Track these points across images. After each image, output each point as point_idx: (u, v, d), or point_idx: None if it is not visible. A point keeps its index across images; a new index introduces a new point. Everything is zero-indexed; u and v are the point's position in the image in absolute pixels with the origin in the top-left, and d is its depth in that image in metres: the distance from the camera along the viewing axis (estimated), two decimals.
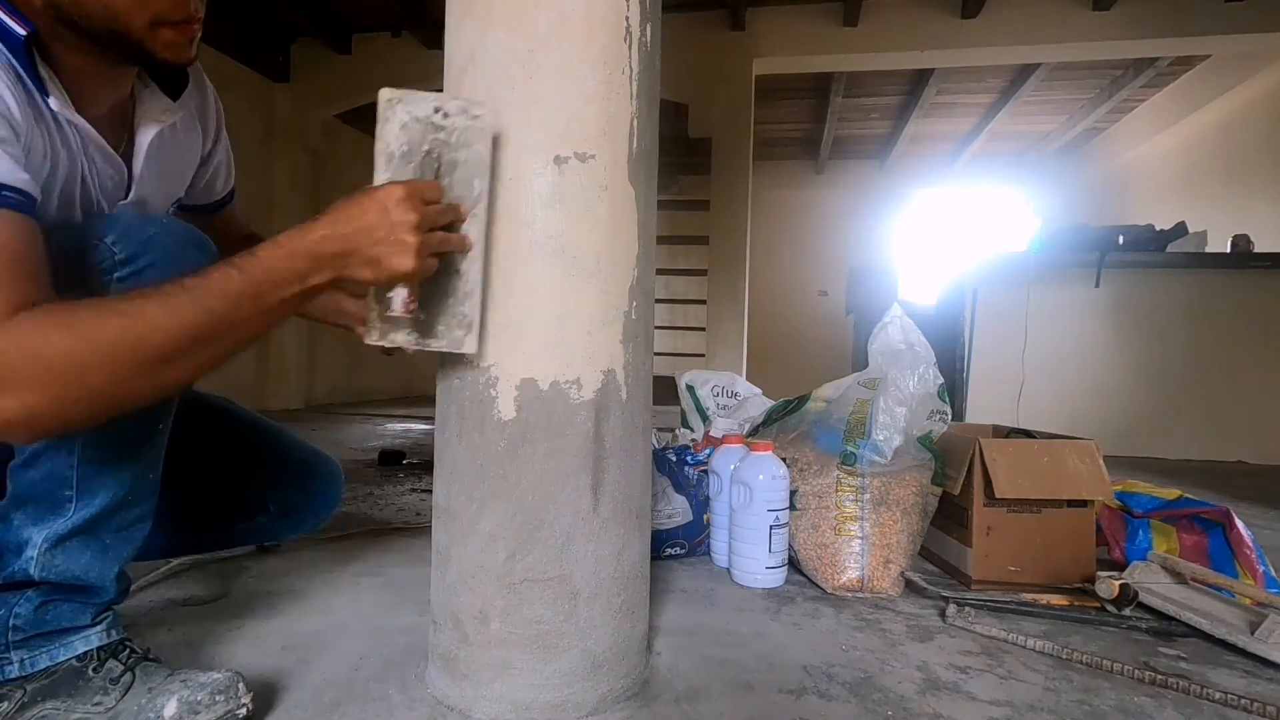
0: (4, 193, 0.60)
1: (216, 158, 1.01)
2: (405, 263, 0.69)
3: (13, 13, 0.66)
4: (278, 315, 0.69)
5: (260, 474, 1.08)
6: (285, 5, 4.43)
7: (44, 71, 0.69)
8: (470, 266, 0.76)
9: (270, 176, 5.18)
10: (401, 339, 0.76)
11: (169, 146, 0.90)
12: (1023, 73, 5.35)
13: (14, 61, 0.65)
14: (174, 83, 0.87)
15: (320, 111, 5.29)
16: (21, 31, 0.65)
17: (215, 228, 0.98)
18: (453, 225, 0.74)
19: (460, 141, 0.74)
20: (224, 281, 0.64)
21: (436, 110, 0.74)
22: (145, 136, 0.85)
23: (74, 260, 0.68)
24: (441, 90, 0.82)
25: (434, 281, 0.75)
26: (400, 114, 0.74)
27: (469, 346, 0.76)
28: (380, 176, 0.73)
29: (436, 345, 0.76)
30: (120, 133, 0.83)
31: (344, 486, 1.14)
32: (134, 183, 0.84)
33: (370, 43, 5.09)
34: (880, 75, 5.51)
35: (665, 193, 6.93)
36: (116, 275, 0.69)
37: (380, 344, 0.76)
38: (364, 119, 5.82)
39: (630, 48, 0.83)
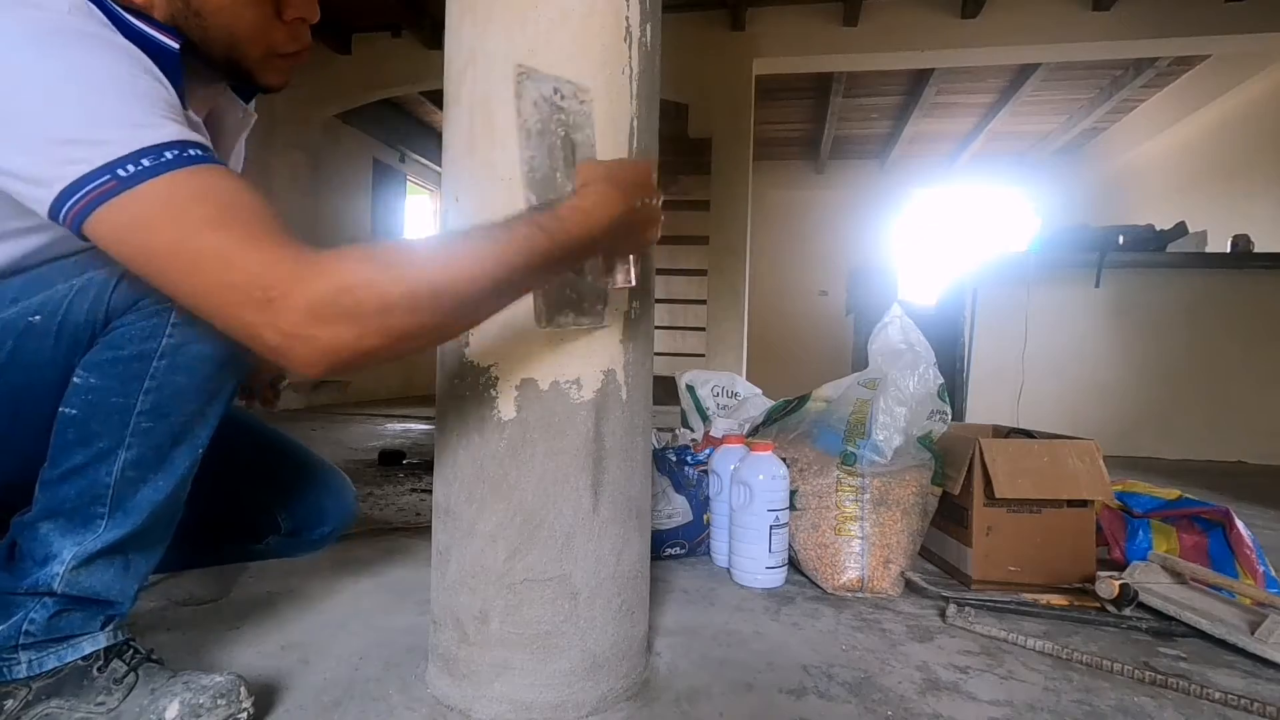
0: (210, 153, 0.61)
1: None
2: (657, 233, 0.73)
3: (161, 28, 0.68)
4: (561, 274, 0.71)
5: (273, 490, 1.06)
6: None
7: (184, 84, 0.70)
8: None
9: (270, 176, 5.18)
10: (564, 320, 0.77)
11: (239, 149, 0.93)
12: (1023, 73, 5.35)
13: (165, 75, 0.66)
14: (249, 91, 0.88)
15: (320, 111, 5.30)
16: (175, 45, 0.68)
17: None
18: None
19: (577, 124, 0.77)
20: (527, 240, 0.64)
21: (555, 90, 0.76)
22: (231, 143, 0.88)
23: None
24: (442, 90, 0.83)
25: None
26: (531, 90, 0.75)
27: (606, 319, 0.80)
28: (523, 153, 0.75)
29: (588, 323, 0.79)
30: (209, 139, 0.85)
31: (355, 503, 1.13)
32: None
33: (370, 43, 5.09)
34: (880, 75, 5.51)
35: (665, 193, 6.91)
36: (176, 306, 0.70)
37: (548, 328, 0.77)
38: (364, 119, 5.83)
39: (630, 48, 0.83)
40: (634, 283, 0.76)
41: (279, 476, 1.06)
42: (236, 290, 0.57)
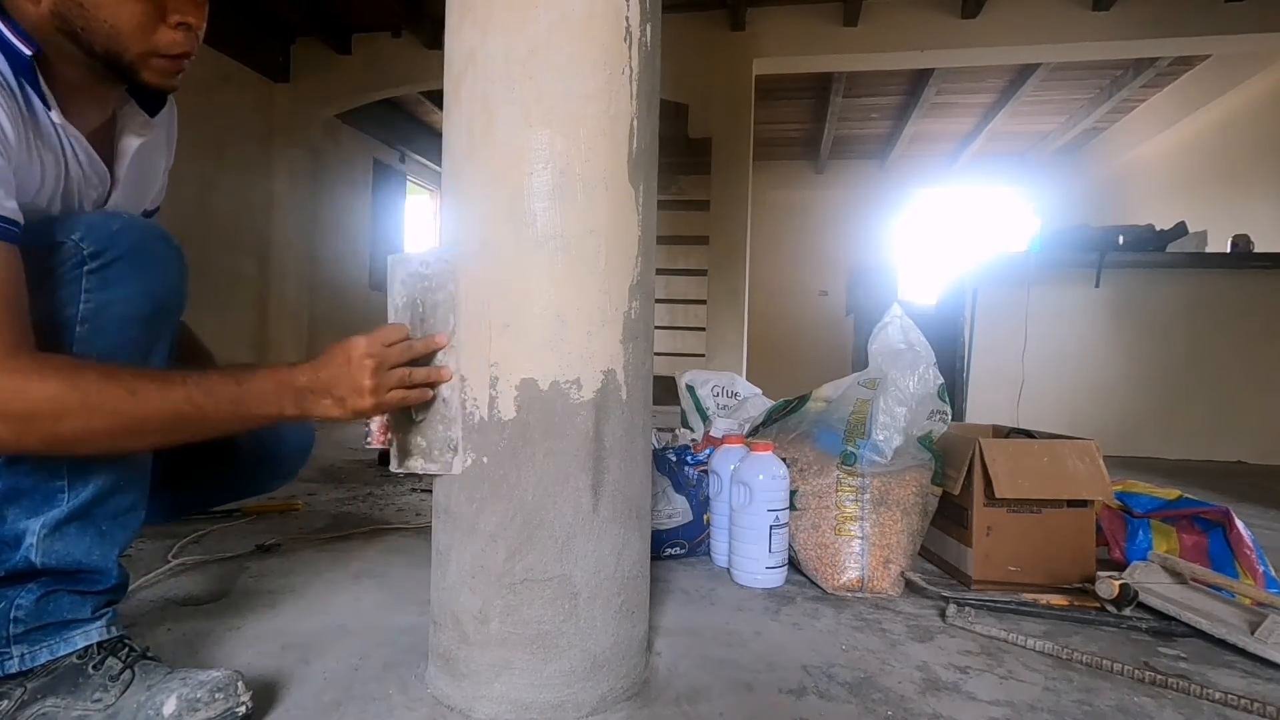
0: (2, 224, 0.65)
1: (166, 173, 1.06)
2: (362, 402, 0.79)
3: (18, 32, 0.70)
4: (248, 425, 0.79)
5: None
6: (285, 5, 4.43)
7: (45, 87, 0.73)
8: (452, 394, 0.83)
9: (270, 176, 5.18)
10: (414, 464, 0.86)
11: (145, 159, 0.94)
12: (1023, 73, 5.35)
13: (18, 80, 0.70)
14: (153, 101, 0.91)
15: (320, 111, 5.29)
16: (27, 51, 0.70)
17: None
18: (433, 358, 0.84)
19: (437, 285, 0.84)
20: (221, 387, 0.73)
21: (421, 264, 0.85)
22: (128, 148, 0.90)
23: (43, 258, 0.71)
24: (442, 90, 0.84)
25: (427, 410, 0.84)
26: (400, 272, 0.86)
27: (456, 467, 0.83)
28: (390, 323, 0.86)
29: (435, 469, 0.85)
30: (105, 143, 0.87)
31: (314, 432, 1.20)
32: (114, 189, 0.89)
33: (370, 43, 5.08)
34: (880, 75, 5.51)
35: (665, 193, 6.92)
36: (87, 269, 0.73)
37: (398, 471, 0.87)
38: (364, 119, 5.83)
39: (630, 48, 0.83)
40: (381, 445, 0.86)
41: None
42: None
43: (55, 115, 0.75)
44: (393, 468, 0.87)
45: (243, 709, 0.73)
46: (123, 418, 0.68)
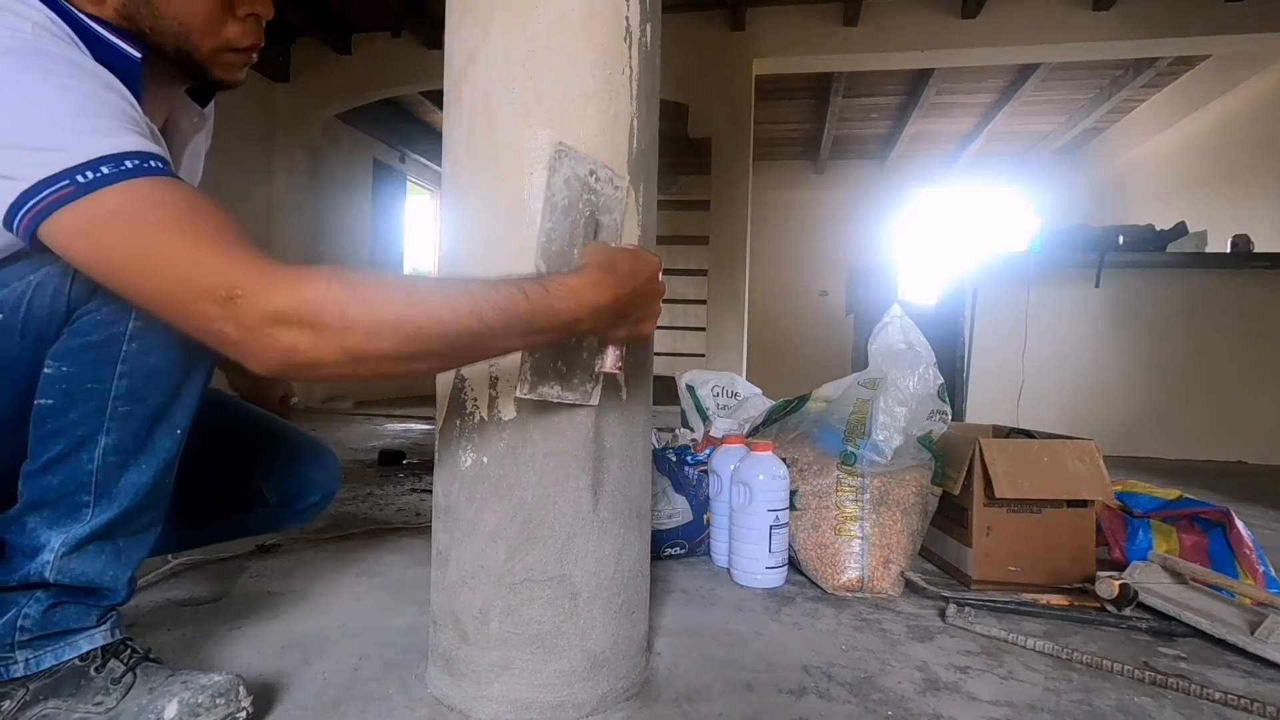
0: (169, 167, 0.63)
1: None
2: (652, 327, 0.75)
3: (123, 36, 0.69)
4: (534, 345, 0.72)
5: (257, 463, 1.08)
6: (285, 5, 4.42)
7: (141, 92, 0.71)
8: None
9: (270, 176, 5.18)
10: (547, 391, 0.79)
11: (195, 152, 0.94)
12: (1023, 73, 5.35)
13: (125, 84, 0.68)
14: (205, 94, 0.90)
15: (320, 111, 5.29)
16: (136, 55, 0.70)
17: None
18: None
19: (606, 206, 0.80)
20: (508, 300, 0.65)
21: (591, 172, 0.79)
22: (184, 144, 0.89)
23: None
24: (442, 90, 0.84)
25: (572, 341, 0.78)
26: (566, 168, 0.78)
27: (595, 399, 0.81)
28: (544, 224, 0.77)
29: (574, 399, 0.80)
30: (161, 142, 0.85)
31: (340, 472, 1.16)
32: None
33: (370, 43, 5.09)
34: (880, 75, 5.50)
35: (665, 193, 6.93)
36: None
37: (530, 396, 0.78)
38: (364, 119, 5.83)
39: (630, 48, 0.83)
40: (619, 369, 0.78)
41: (264, 450, 1.07)
42: (198, 288, 0.58)
43: (149, 122, 0.72)
44: (520, 392, 0.78)
45: (243, 714, 0.73)
46: (408, 332, 0.61)
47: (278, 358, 0.59)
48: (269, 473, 1.08)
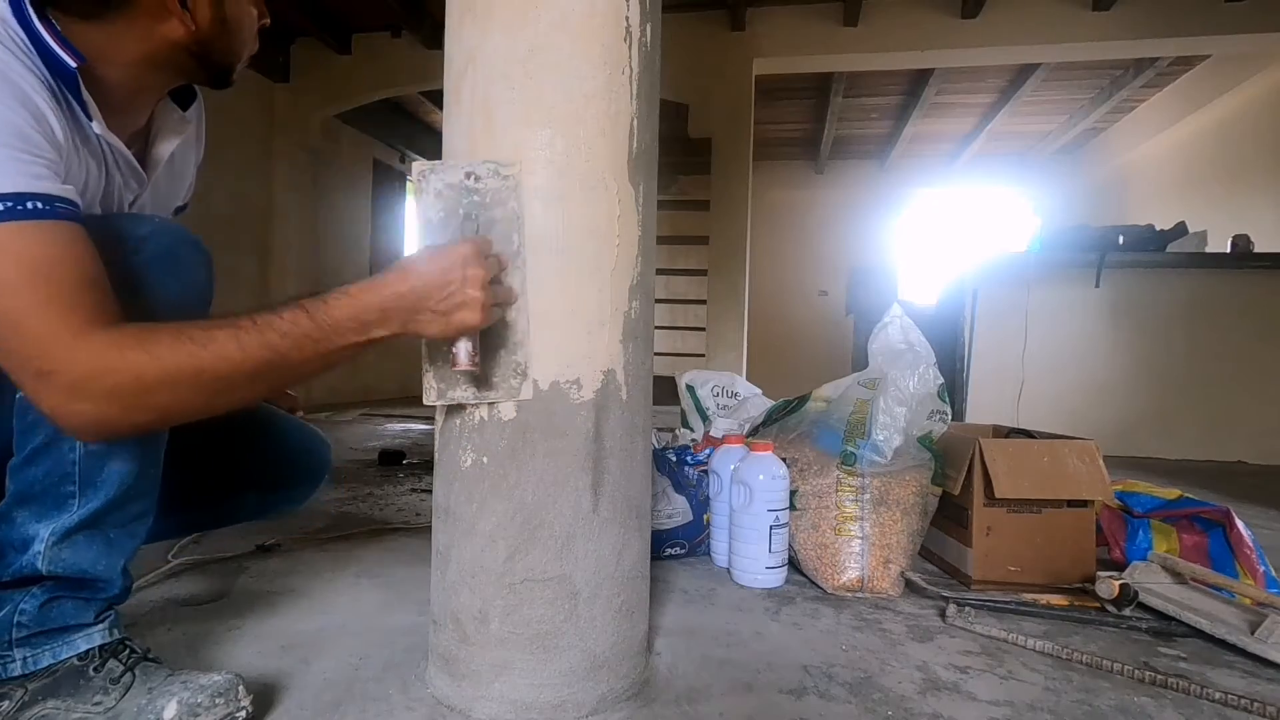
0: (57, 204, 0.64)
1: (197, 168, 1.06)
2: (473, 317, 0.72)
3: (65, 45, 0.70)
4: (336, 360, 0.72)
5: (248, 448, 1.09)
6: (285, 5, 4.43)
7: (88, 98, 0.73)
8: (518, 317, 0.79)
9: (270, 176, 5.17)
10: (460, 395, 0.79)
11: (179, 157, 0.95)
12: (1023, 73, 5.35)
13: (63, 89, 0.70)
14: (185, 97, 0.92)
15: (320, 111, 5.29)
16: (73, 64, 0.70)
17: None
18: (498, 279, 0.77)
19: (495, 200, 0.79)
20: (292, 324, 0.68)
21: (468, 175, 0.78)
22: (165, 149, 0.90)
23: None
24: (442, 90, 0.84)
25: (487, 335, 0.77)
26: (434, 182, 0.79)
27: (525, 393, 0.80)
28: (422, 243, 0.78)
29: (494, 397, 0.79)
30: (141, 144, 0.88)
31: (330, 453, 1.18)
32: (147, 189, 0.89)
33: (370, 43, 5.08)
34: (880, 75, 5.50)
35: (665, 193, 6.93)
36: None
37: (439, 403, 0.80)
38: (364, 119, 5.82)
39: (630, 48, 0.83)
40: (472, 367, 0.75)
41: (255, 436, 1.08)
42: (20, 357, 0.62)
43: (97, 126, 0.74)
44: (429, 400, 0.80)
45: (243, 714, 0.73)
46: (204, 379, 0.65)
47: (91, 428, 0.65)
48: (261, 457, 1.09)
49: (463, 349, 0.74)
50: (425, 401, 0.80)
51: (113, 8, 0.74)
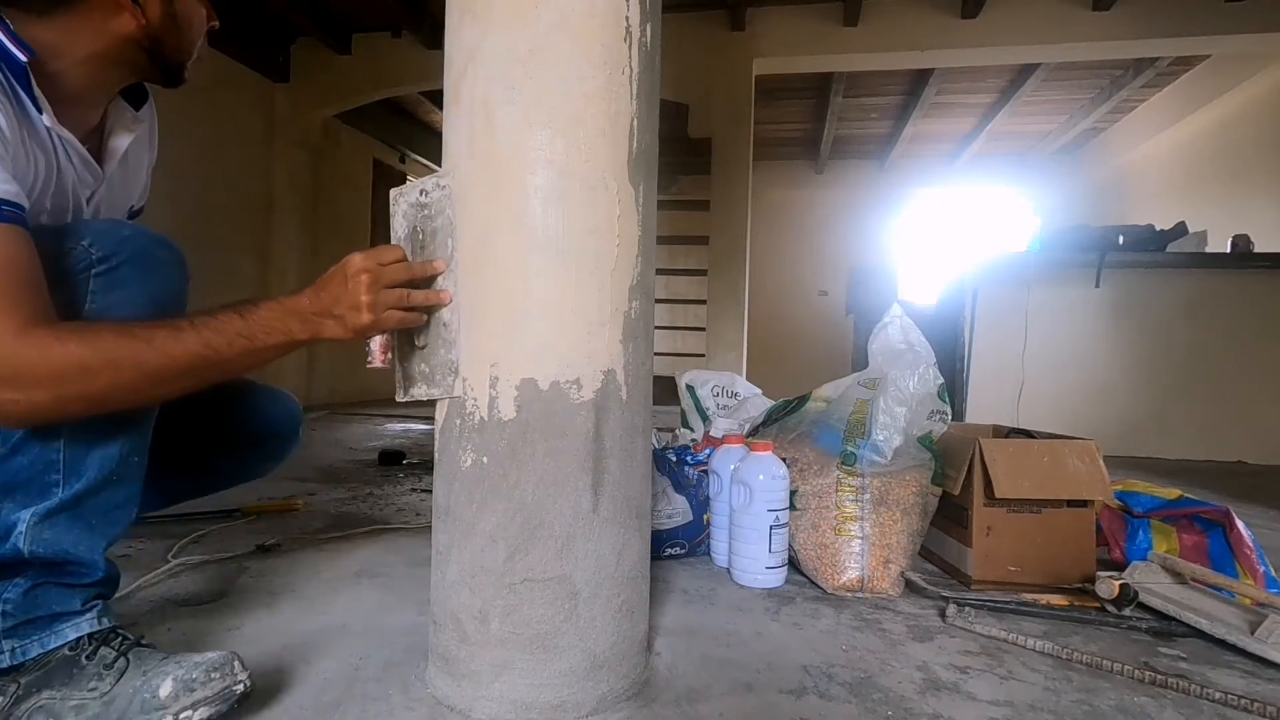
0: (3, 208, 0.67)
1: (150, 170, 1.07)
2: (361, 318, 0.80)
3: (16, 40, 0.72)
4: (264, 358, 0.80)
5: (217, 410, 1.13)
6: (285, 5, 4.43)
7: (38, 92, 0.75)
8: (453, 318, 0.84)
9: (270, 176, 5.17)
10: (417, 392, 0.88)
11: (132, 156, 0.97)
12: (1023, 73, 5.35)
13: (13, 83, 0.72)
14: (137, 96, 0.94)
15: (320, 111, 5.29)
16: (23, 58, 0.73)
17: None
18: (433, 282, 0.85)
19: (435, 211, 0.85)
20: (227, 324, 0.75)
21: (421, 192, 0.87)
22: (119, 144, 0.92)
23: (53, 262, 0.73)
24: (442, 90, 0.86)
25: (429, 335, 0.86)
26: (401, 203, 0.89)
27: (456, 390, 0.84)
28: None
29: (437, 393, 0.86)
30: (95, 141, 0.90)
31: (301, 410, 1.23)
32: (104, 185, 0.91)
33: (370, 43, 5.08)
34: (880, 75, 5.50)
35: (665, 193, 6.93)
36: (94, 272, 0.75)
37: (406, 399, 0.89)
38: (364, 119, 5.83)
39: (630, 48, 0.83)
40: (385, 362, 0.87)
41: (222, 398, 1.12)
42: None
43: (47, 119, 0.77)
44: (398, 397, 0.90)
45: (240, 686, 0.73)
46: (145, 369, 0.70)
47: (21, 414, 0.68)
48: (231, 415, 1.14)
49: (375, 347, 0.86)
50: (396, 398, 0.91)
51: (64, 3, 0.77)
